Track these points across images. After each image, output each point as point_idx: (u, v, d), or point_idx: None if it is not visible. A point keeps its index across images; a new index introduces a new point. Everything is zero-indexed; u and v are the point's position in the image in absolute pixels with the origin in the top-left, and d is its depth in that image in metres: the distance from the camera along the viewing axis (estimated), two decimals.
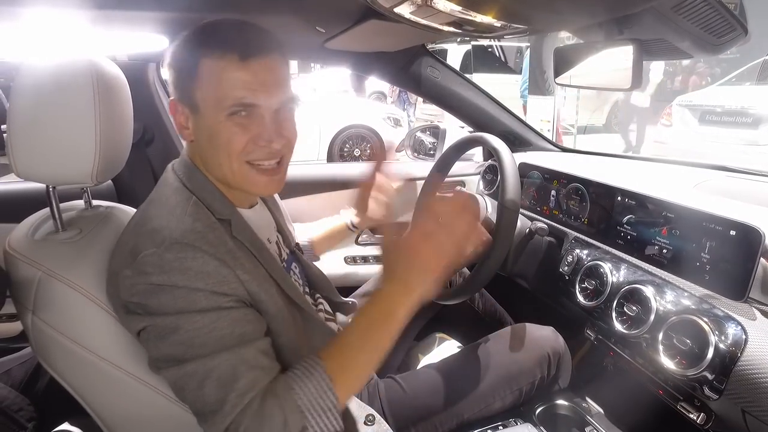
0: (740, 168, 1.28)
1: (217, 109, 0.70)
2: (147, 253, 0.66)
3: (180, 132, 0.76)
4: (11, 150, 0.72)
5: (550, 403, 1.13)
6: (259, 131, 0.72)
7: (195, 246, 0.66)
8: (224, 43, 0.70)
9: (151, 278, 0.65)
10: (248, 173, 0.74)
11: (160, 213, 0.70)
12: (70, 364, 0.74)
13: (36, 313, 0.72)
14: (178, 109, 0.75)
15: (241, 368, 0.65)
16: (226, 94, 0.69)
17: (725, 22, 0.73)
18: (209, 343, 0.65)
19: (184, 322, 0.65)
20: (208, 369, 0.64)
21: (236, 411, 0.63)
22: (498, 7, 0.69)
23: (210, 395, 0.64)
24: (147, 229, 0.69)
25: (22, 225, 0.83)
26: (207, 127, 0.72)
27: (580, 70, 0.89)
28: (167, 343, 0.65)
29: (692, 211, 0.95)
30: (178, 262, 0.65)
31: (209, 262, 0.66)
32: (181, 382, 0.66)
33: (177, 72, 0.73)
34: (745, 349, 0.80)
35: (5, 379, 1.02)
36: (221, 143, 0.71)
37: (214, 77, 0.69)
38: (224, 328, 0.66)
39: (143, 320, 0.67)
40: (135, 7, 1.02)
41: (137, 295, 0.66)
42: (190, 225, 0.69)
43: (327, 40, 1.26)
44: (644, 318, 0.96)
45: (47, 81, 0.72)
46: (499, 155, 1.07)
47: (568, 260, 1.20)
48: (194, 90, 0.71)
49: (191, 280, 0.65)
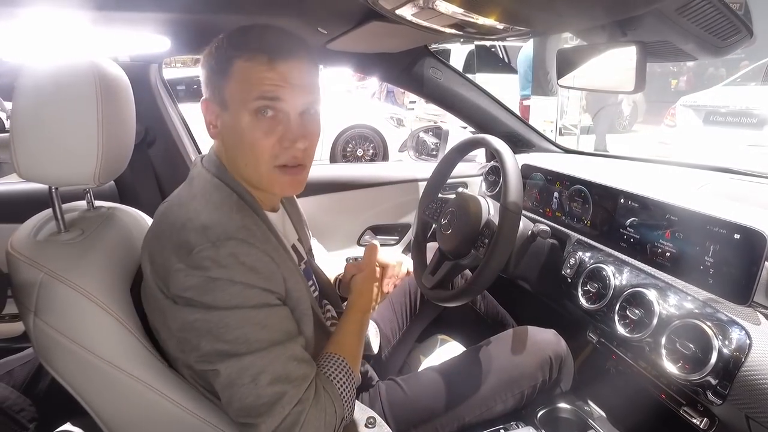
0: (744, 170, 1.27)
1: (243, 104, 0.72)
2: (202, 248, 0.67)
3: (208, 129, 0.79)
4: (14, 151, 0.72)
5: (551, 406, 1.13)
6: (285, 131, 0.74)
7: (249, 242, 0.69)
8: (255, 45, 0.73)
9: (209, 273, 0.66)
10: (275, 176, 0.76)
11: (206, 208, 0.72)
12: (71, 366, 0.74)
13: (38, 314, 0.72)
14: (209, 107, 0.77)
15: (292, 363, 0.70)
16: (253, 89, 0.72)
17: (730, 24, 0.73)
18: (262, 338, 0.68)
19: (239, 317, 0.67)
20: (264, 364, 0.67)
21: (293, 403, 0.67)
22: (500, 9, 0.68)
23: (264, 390, 0.66)
24: (197, 224, 0.69)
25: (25, 226, 0.83)
26: (234, 125, 0.74)
27: (583, 72, 0.88)
28: (220, 338, 0.67)
29: (696, 214, 0.95)
30: (233, 258, 0.67)
31: (261, 258, 0.69)
32: (234, 377, 0.67)
33: (209, 71, 0.76)
34: (749, 354, 0.80)
35: (7, 380, 1.02)
36: (247, 143, 0.74)
37: (243, 75, 0.72)
38: (275, 324, 0.70)
39: (195, 313, 0.67)
40: (137, 8, 1.02)
41: (191, 290, 0.67)
42: (240, 221, 0.71)
43: (329, 41, 1.26)
44: (647, 321, 0.95)
45: (49, 82, 0.72)
46: (500, 157, 1.06)
47: (571, 263, 1.20)
48: (224, 88, 0.74)
49: (246, 275, 0.67)
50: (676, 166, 1.42)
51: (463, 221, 1.16)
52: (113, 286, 0.76)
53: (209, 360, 0.68)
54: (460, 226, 1.16)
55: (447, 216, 1.21)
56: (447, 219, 1.20)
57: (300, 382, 0.69)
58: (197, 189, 0.76)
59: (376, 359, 1.21)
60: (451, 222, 1.19)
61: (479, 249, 1.12)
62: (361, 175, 1.78)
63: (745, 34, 0.76)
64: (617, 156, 1.55)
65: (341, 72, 8.84)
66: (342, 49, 1.38)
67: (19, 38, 1.10)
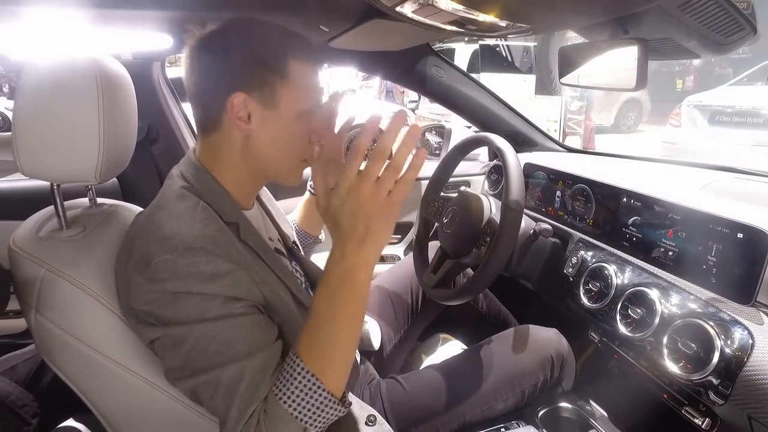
0: (749, 169, 1.26)
1: (298, 108, 0.74)
2: (160, 259, 0.65)
3: (235, 125, 0.72)
4: (16, 148, 0.72)
5: (553, 405, 1.12)
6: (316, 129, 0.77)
7: (208, 250, 0.66)
8: (307, 48, 0.75)
9: (166, 285, 0.64)
10: (300, 168, 0.81)
11: (168, 219, 0.70)
12: (73, 362, 0.75)
13: (39, 310, 0.73)
14: (239, 101, 0.71)
15: (245, 380, 0.64)
16: (311, 95, 0.75)
17: (733, 20, 0.72)
18: (222, 351, 0.65)
19: (198, 331, 0.64)
20: (218, 379, 0.64)
21: (238, 427, 0.63)
22: (500, 6, 0.68)
23: (219, 406, 0.65)
24: (158, 236, 0.68)
25: (27, 222, 0.83)
26: (282, 124, 0.74)
27: (584, 70, 0.87)
28: (181, 352, 0.65)
29: (699, 213, 0.94)
30: (192, 267, 0.64)
31: (222, 265, 0.66)
32: (196, 393, 0.66)
33: (259, 65, 0.71)
34: (751, 354, 0.79)
35: (10, 376, 1.02)
36: (291, 142, 0.76)
37: (303, 79, 0.73)
38: (236, 335, 0.65)
39: (156, 331, 0.66)
40: (139, 6, 1.02)
41: (150, 304, 0.66)
42: (201, 230, 0.68)
43: (331, 39, 1.26)
44: (649, 321, 0.95)
45: (51, 79, 0.73)
46: (503, 155, 1.06)
47: (573, 261, 1.20)
48: (279, 87, 0.72)
49: (205, 285, 0.65)
50: (679, 165, 1.41)
51: (465, 220, 1.15)
52: (114, 282, 0.77)
53: (174, 376, 0.68)
54: (462, 224, 1.16)
55: (449, 214, 1.21)
56: (449, 217, 1.20)
57: (246, 404, 0.64)
58: (163, 199, 0.74)
59: (377, 357, 1.21)
60: (453, 220, 1.19)
61: (481, 248, 1.12)
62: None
63: (749, 32, 0.75)
64: (620, 155, 1.54)
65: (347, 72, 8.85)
66: (344, 47, 1.38)
67: (23, 36, 1.10)
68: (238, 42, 0.73)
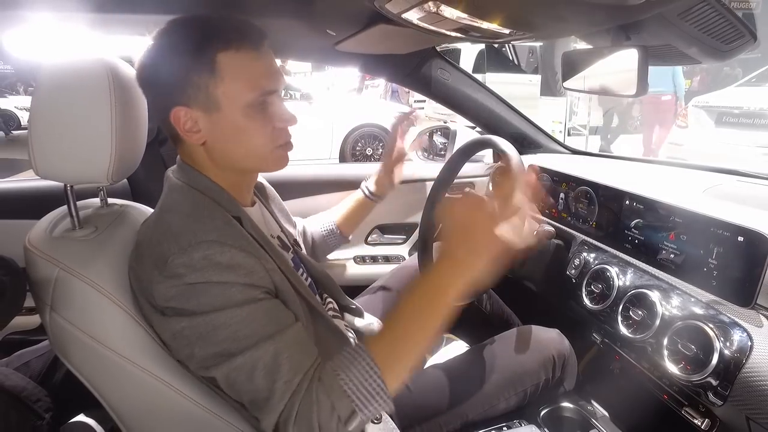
0: (752, 172, 1.26)
1: (241, 102, 0.71)
2: (175, 256, 0.67)
3: (188, 137, 0.74)
4: (31, 149, 0.74)
5: (555, 405, 1.13)
6: (279, 114, 0.75)
7: (220, 241, 0.68)
8: (235, 34, 0.70)
9: (185, 279, 0.66)
10: (277, 155, 0.78)
11: (178, 217, 0.72)
12: (86, 359, 0.76)
13: (54, 308, 0.74)
14: (181, 115, 0.72)
15: (283, 355, 0.67)
16: (252, 84, 0.71)
17: (733, 28, 0.73)
18: (251, 334, 0.66)
19: (225, 317, 0.66)
20: (255, 359, 0.66)
21: (286, 397, 0.65)
22: (503, 15, 0.69)
23: (260, 385, 0.66)
24: (170, 234, 0.70)
25: (41, 222, 0.85)
26: (230, 123, 0.73)
27: (587, 75, 0.89)
28: (211, 341, 0.67)
29: (700, 217, 0.95)
30: (207, 260, 0.66)
31: (236, 255, 0.68)
32: (231, 378, 0.67)
33: (186, 73, 0.70)
34: (750, 356, 0.80)
35: (24, 371, 1.05)
36: (248, 136, 0.74)
37: (236, 70, 0.70)
38: (262, 318, 0.68)
39: (181, 321, 0.68)
40: (149, 11, 1.04)
41: (173, 299, 0.67)
42: (210, 223, 0.71)
43: (338, 42, 1.28)
44: (649, 322, 0.96)
45: (65, 83, 0.74)
46: (506, 158, 1.07)
47: (576, 263, 1.21)
48: (213, 87, 0.70)
49: (224, 274, 0.67)
50: (683, 168, 1.42)
51: None
52: (126, 281, 0.78)
53: (205, 365, 0.69)
54: None
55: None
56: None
57: (291, 375, 0.66)
58: (168, 202, 0.76)
59: None
60: None
61: None
62: (370, 174, 1.79)
63: (748, 38, 0.76)
64: (624, 157, 1.55)
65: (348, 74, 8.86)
66: (351, 51, 1.40)
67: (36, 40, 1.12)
68: (160, 55, 0.72)
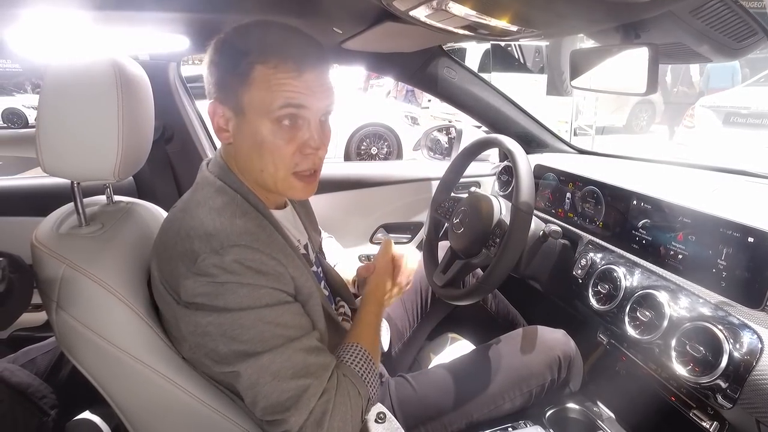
0: (761, 173, 1.25)
1: (265, 112, 0.71)
2: (206, 256, 0.67)
3: (218, 134, 0.77)
4: (39, 146, 0.74)
5: (560, 406, 1.13)
6: (306, 139, 0.73)
7: (253, 247, 0.69)
8: (281, 52, 0.70)
9: (216, 278, 0.67)
10: (291, 181, 0.76)
11: (210, 215, 0.71)
12: (91, 356, 0.76)
13: (60, 305, 0.74)
14: (218, 110, 0.74)
15: (311, 355, 0.71)
16: (277, 97, 0.70)
17: (745, 25, 0.72)
18: (278, 335, 0.68)
19: (253, 317, 0.67)
20: (283, 360, 0.68)
21: (318, 394, 0.69)
22: (511, 12, 0.69)
23: (288, 384, 0.68)
24: (201, 232, 0.69)
25: (48, 219, 0.86)
26: (252, 131, 0.72)
27: (595, 74, 0.88)
28: (236, 339, 0.67)
29: (709, 217, 0.94)
30: (238, 264, 0.67)
31: (266, 262, 0.69)
32: (255, 376, 0.68)
33: (223, 73, 0.72)
34: (760, 358, 0.79)
35: (30, 368, 1.05)
36: (267, 150, 0.72)
37: (267, 83, 0.70)
38: (288, 320, 0.71)
39: (207, 316, 0.68)
40: (157, 8, 1.04)
41: (201, 296, 0.68)
42: (242, 226, 0.71)
43: (344, 40, 1.28)
44: (657, 324, 0.95)
45: (73, 81, 0.75)
46: (513, 157, 1.07)
47: (582, 263, 1.20)
48: (242, 94, 0.71)
49: (254, 278, 0.68)
50: (690, 168, 1.40)
51: (475, 220, 1.16)
52: (131, 279, 0.79)
53: (228, 362, 0.69)
54: (471, 225, 1.17)
55: (459, 215, 1.22)
56: (459, 218, 1.21)
57: (321, 372, 0.70)
58: (200, 195, 0.76)
59: (387, 356, 1.22)
60: (463, 221, 1.19)
61: (490, 248, 1.12)
62: (375, 173, 1.79)
63: (761, 36, 0.75)
64: (631, 157, 1.53)
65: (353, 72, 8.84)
66: (357, 49, 1.40)
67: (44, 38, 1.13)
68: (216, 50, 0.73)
